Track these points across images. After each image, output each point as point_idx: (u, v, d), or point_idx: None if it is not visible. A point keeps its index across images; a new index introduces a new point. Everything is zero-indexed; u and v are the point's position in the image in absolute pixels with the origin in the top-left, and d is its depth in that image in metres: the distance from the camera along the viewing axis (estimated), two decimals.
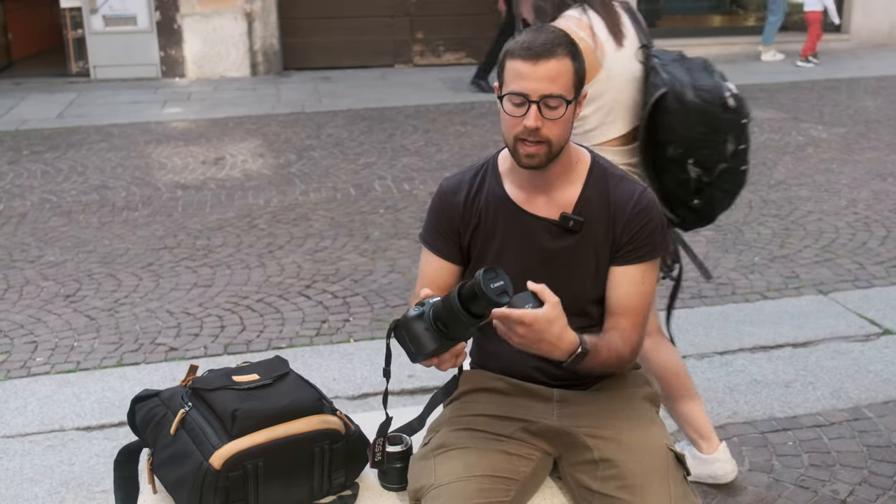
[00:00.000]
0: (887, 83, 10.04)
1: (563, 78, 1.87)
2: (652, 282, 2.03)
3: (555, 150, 1.93)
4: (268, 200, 6.21)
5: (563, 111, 1.88)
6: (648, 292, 2.03)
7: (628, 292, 2.00)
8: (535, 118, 1.87)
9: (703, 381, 3.67)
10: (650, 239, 1.99)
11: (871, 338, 4.04)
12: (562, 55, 1.87)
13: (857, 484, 2.97)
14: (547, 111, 1.87)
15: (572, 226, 1.99)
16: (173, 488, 1.94)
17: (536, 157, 1.92)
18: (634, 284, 2.00)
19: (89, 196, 6.40)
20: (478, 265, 2.10)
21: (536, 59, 1.86)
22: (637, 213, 1.98)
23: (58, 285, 4.83)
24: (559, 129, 1.90)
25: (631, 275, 2.00)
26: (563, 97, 1.87)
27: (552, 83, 1.86)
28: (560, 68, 1.87)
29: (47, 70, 11.68)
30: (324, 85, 10.69)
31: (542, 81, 1.86)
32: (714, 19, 13.50)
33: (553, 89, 1.86)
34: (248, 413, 1.91)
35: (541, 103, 1.87)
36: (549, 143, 1.91)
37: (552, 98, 1.86)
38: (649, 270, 2.01)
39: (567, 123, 1.92)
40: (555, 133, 1.90)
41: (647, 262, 2.00)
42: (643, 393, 2.10)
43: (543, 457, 2.01)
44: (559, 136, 1.91)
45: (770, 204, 5.92)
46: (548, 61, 1.85)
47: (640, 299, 2.01)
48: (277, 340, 4.13)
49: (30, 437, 3.38)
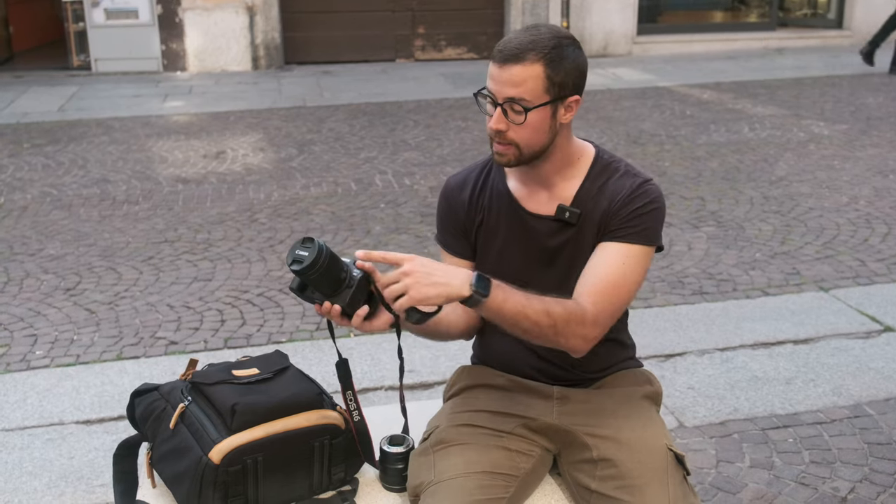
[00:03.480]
0: (889, 80, 10.03)
1: (529, 83, 1.84)
2: (635, 269, 1.91)
3: (525, 153, 1.90)
4: (268, 194, 6.21)
5: (522, 118, 1.85)
6: (627, 276, 1.90)
7: (604, 263, 1.90)
8: (497, 120, 1.87)
9: (704, 377, 3.67)
10: (641, 221, 1.92)
11: (872, 335, 4.03)
12: (532, 60, 1.83)
13: (858, 481, 2.96)
14: (512, 115, 1.86)
15: (568, 217, 1.96)
16: (172, 483, 1.94)
17: (505, 156, 1.91)
18: (613, 260, 1.90)
19: (90, 189, 6.40)
20: (481, 262, 2.10)
21: (503, 62, 1.84)
22: (632, 197, 1.93)
23: (58, 278, 4.82)
24: (527, 133, 1.88)
25: (612, 250, 1.91)
26: (524, 104, 1.84)
27: (514, 88, 1.84)
28: (525, 73, 1.83)
29: (48, 63, 11.68)
30: (325, 79, 10.68)
31: (505, 85, 1.84)
32: (716, 15, 13.48)
33: (514, 94, 1.84)
34: (247, 407, 1.90)
35: (505, 106, 1.86)
36: (517, 146, 1.89)
37: (514, 102, 1.85)
38: (635, 255, 1.91)
39: (538, 128, 1.88)
40: (522, 137, 1.88)
41: (633, 244, 1.91)
42: (643, 391, 2.09)
43: (543, 453, 2.00)
44: (528, 140, 1.89)
45: (771, 200, 5.91)
46: (513, 66, 1.83)
47: (615, 277, 1.88)
48: (278, 335, 4.13)
49: (29, 430, 3.38)
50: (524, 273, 2.02)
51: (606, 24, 11.90)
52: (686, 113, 8.53)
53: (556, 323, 1.80)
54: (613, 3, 11.85)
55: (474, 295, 1.72)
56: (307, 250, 1.73)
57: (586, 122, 8.13)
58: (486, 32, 11.93)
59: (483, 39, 11.92)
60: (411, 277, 1.70)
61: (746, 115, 8.41)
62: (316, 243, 1.73)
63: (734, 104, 8.90)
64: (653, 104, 8.95)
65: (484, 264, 2.09)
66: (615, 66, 11.19)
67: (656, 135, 7.68)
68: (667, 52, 12.07)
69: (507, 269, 2.04)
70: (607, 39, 11.94)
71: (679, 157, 6.99)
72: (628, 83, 10.08)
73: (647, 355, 3.77)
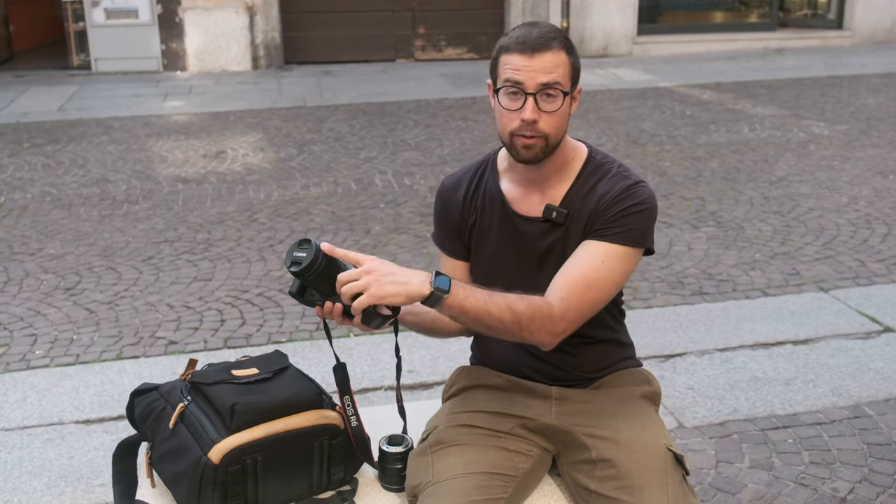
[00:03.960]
0: (889, 80, 10.02)
1: (560, 69, 1.87)
2: (614, 269, 1.89)
3: (552, 143, 1.91)
4: (268, 194, 6.21)
5: (560, 103, 1.88)
6: (604, 276, 1.88)
7: (578, 260, 1.89)
8: (532, 110, 1.86)
9: (704, 377, 3.67)
10: (625, 222, 1.90)
11: (872, 335, 4.03)
12: (557, 48, 1.87)
13: (858, 482, 2.96)
14: (544, 103, 1.87)
15: (555, 217, 1.96)
16: (172, 482, 1.94)
17: (533, 148, 1.90)
18: (591, 258, 1.88)
19: (90, 189, 6.40)
20: (476, 264, 2.10)
21: (533, 51, 1.86)
22: (621, 197, 1.92)
23: (58, 278, 4.82)
24: (556, 122, 1.89)
25: (591, 248, 1.90)
26: (561, 87, 1.87)
27: (549, 74, 1.86)
28: (556, 60, 1.87)
29: (48, 63, 11.68)
30: (325, 79, 10.68)
31: (539, 73, 1.86)
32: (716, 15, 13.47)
33: (551, 78, 1.86)
34: (247, 407, 1.90)
35: (538, 95, 1.86)
36: (546, 137, 1.90)
37: (550, 87, 1.86)
38: (617, 256, 1.89)
39: (563, 117, 1.91)
40: (551, 126, 1.89)
41: (615, 244, 1.89)
42: (642, 391, 2.09)
43: (542, 453, 2.00)
44: (556, 129, 1.90)
45: (771, 200, 5.91)
46: (543, 53, 1.86)
47: (590, 275, 1.87)
48: (277, 335, 4.13)
49: (29, 430, 3.38)
50: (516, 275, 2.02)
51: (607, 24, 11.90)
52: (686, 113, 8.53)
53: (521, 320, 1.80)
54: (614, 3, 11.85)
55: (434, 292, 1.73)
56: (304, 251, 1.73)
57: (586, 122, 8.13)
58: (486, 32, 11.92)
59: (483, 39, 11.92)
60: (371, 276, 1.71)
61: (746, 115, 8.41)
62: (312, 244, 1.73)
63: (734, 104, 8.90)
64: (653, 104, 8.95)
65: (477, 266, 2.10)
66: (615, 66, 11.19)
67: (656, 135, 7.68)
68: (667, 52, 12.07)
69: (499, 271, 2.05)
70: (607, 39, 11.94)
71: (679, 157, 6.99)
72: (628, 83, 10.08)
73: (646, 355, 3.77)
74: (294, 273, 1.74)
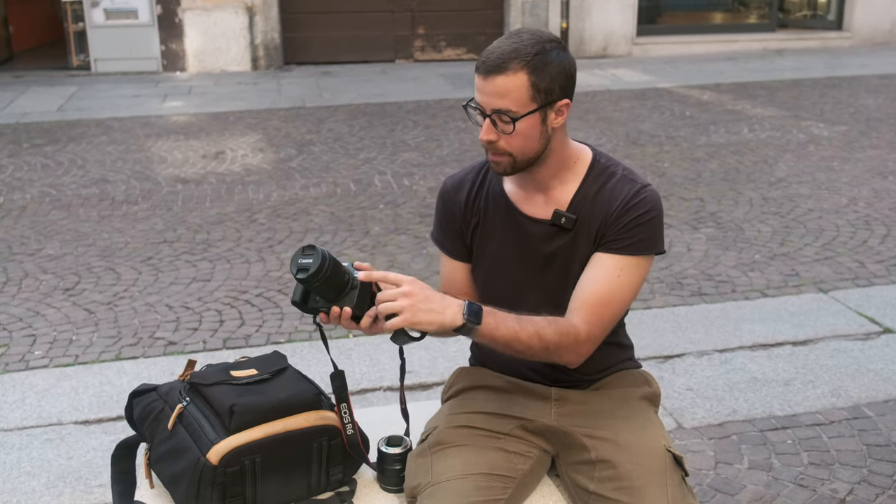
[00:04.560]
0: (888, 81, 10.03)
1: (514, 93, 1.83)
2: (631, 280, 1.91)
3: (520, 160, 1.90)
4: (268, 195, 6.21)
5: (511, 128, 1.85)
6: (622, 289, 1.91)
7: (597, 279, 1.90)
8: (487, 131, 1.87)
9: (703, 378, 3.67)
10: (638, 231, 1.91)
11: (871, 336, 4.03)
12: (515, 69, 1.82)
13: (857, 483, 2.96)
14: (500, 124, 1.86)
15: (564, 223, 1.95)
16: (170, 483, 1.93)
17: (500, 165, 1.91)
18: (607, 273, 1.90)
19: (89, 189, 6.40)
20: (478, 266, 2.10)
21: (486, 73, 1.84)
22: (630, 206, 1.92)
23: (57, 279, 4.82)
24: (518, 142, 1.87)
25: (606, 263, 1.91)
26: (510, 114, 1.83)
27: (500, 99, 1.83)
28: (509, 84, 1.82)
29: (48, 63, 11.68)
30: (324, 80, 10.68)
31: (490, 96, 1.84)
32: (716, 16, 13.48)
33: (500, 105, 1.83)
34: (245, 408, 1.90)
35: (493, 117, 1.85)
36: (511, 155, 1.89)
37: (501, 113, 1.84)
38: (631, 266, 1.91)
39: (528, 136, 1.87)
40: (514, 146, 1.87)
41: (628, 255, 1.90)
42: (641, 393, 2.09)
43: (541, 454, 2.00)
44: (520, 149, 1.88)
45: (770, 201, 5.91)
46: (496, 77, 1.82)
47: (609, 291, 1.89)
48: (276, 335, 4.13)
49: (27, 430, 3.38)
50: (519, 277, 2.02)
51: (606, 24, 11.90)
52: (686, 114, 8.53)
53: (549, 345, 1.83)
54: (613, 3, 11.86)
55: (467, 324, 1.75)
56: (310, 257, 1.74)
57: (586, 122, 8.13)
58: (486, 33, 11.92)
59: (483, 40, 11.91)
60: (409, 299, 1.72)
61: (746, 116, 8.41)
62: (318, 250, 1.74)
63: (734, 105, 8.90)
64: (652, 105, 8.95)
65: (480, 267, 2.09)
66: (615, 66, 11.19)
67: (656, 136, 7.68)
68: (666, 52, 12.07)
69: (502, 273, 2.04)
70: (607, 40, 11.95)
71: (678, 158, 6.99)
72: (628, 84, 10.08)
73: (645, 356, 3.77)
74: (301, 280, 1.74)
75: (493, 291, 2.07)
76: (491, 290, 2.08)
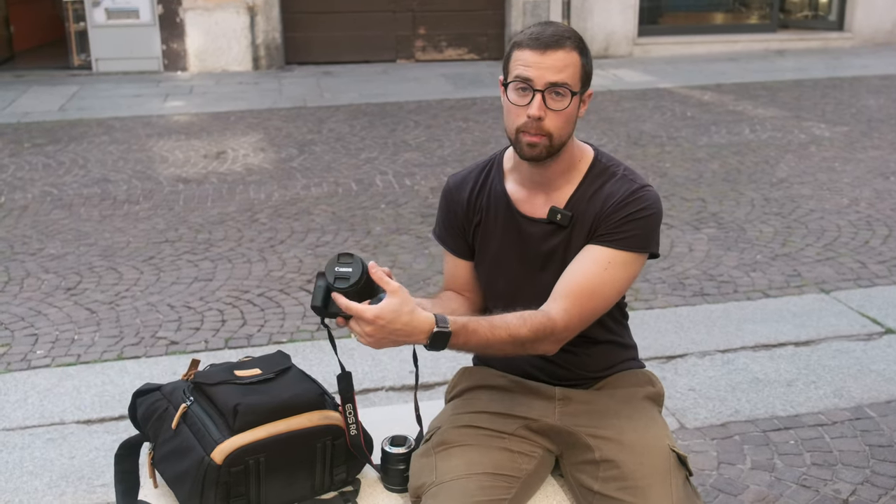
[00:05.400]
0: (890, 82, 10.03)
1: (571, 69, 1.86)
2: (618, 275, 1.89)
3: (556, 143, 1.90)
4: (269, 195, 6.21)
5: (567, 102, 1.87)
6: (607, 283, 1.89)
7: (583, 269, 1.89)
8: (539, 107, 1.86)
9: (705, 379, 3.67)
10: (629, 227, 1.90)
11: (874, 337, 4.03)
12: (570, 48, 1.87)
13: (859, 483, 2.96)
14: (551, 101, 1.86)
15: (560, 220, 1.95)
16: (174, 483, 1.93)
17: (537, 147, 1.90)
18: (594, 264, 1.89)
19: (90, 189, 6.40)
20: (479, 264, 2.10)
21: (545, 48, 1.85)
22: (627, 202, 1.92)
23: (59, 278, 4.82)
24: (561, 122, 1.88)
25: (595, 255, 1.90)
26: (569, 87, 1.86)
27: (559, 73, 1.85)
28: (567, 59, 1.86)
29: (49, 63, 11.68)
30: (326, 80, 10.68)
31: (549, 70, 1.85)
32: (717, 17, 13.48)
33: (560, 78, 1.85)
34: (249, 408, 1.90)
35: (546, 93, 1.86)
36: (551, 137, 1.89)
37: (559, 86, 1.85)
38: (620, 262, 1.89)
39: (570, 118, 1.90)
40: (556, 125, 1.88)
41: (619, 250, 1.89)
42: (645, 392, 2.09)
43: (545, 454, 2.00)
44: (560, 130, 1.89)
45: (772, 202, 5.91)
46: (556, 51, 1.85)
47: (594, 283, 1.88)
48: (279, 335, 4.13)
49: (30, 430, 3.38)
50: (519, 276, 2.02)
51: (607, 25, 11.90)
52: (687, 114, 8.53)
53: (524, 343, 1.84)
54: (614, 4, 11.85)
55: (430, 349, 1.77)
56: (348, 266, 1.75)
57: (587, 122, 8.13)
58: (487, 33, 11.92)
59: (484, 40, 11.92)
60: (371, 338, 1.73)
61: (747, 116, 8.41)
62: (357, 259, 1.75)
63: (735, 106, 8.90)
64: (653, 105, 8.95)
65: (481, 265, 2.10)
66: (616, 67, 11.19)
67: (657, 136, 7.68)
68: (668, 53, 12.07)
69: (503, 272, 2.05)
70: (608, 40, 11.94)
71: (680, 158, 6.99)
72: (629, 84, 10.08)
73: (647, 357, 3.76)
74: (341, 289, 1.75)
75: (494, 289, 2.08)
76: (492, 288, 2.09)
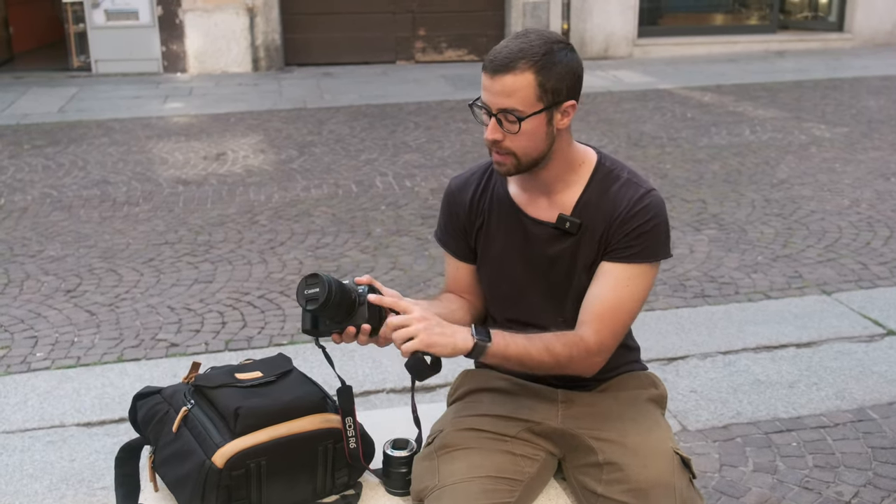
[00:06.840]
0: (890, 83, 10.02)
1: (522, 93, 1.82)
2: (638, 288, 1.91)
3: (524, 161, 1.89)
4: (269, 196, 6.20)
5: (517, 127, 1.84)
6: (630, 298, 1.91)
7: (605, 291, 1.91)
8: (492, 130, 1.87)
9: (707, 380, 3.66)
10: (643, 240, 1.90)
11: (875, 338, 4.02)
12: (522, 69, 1.81)
13: (862, 485, 2.95)
14: (507, 124, 1.85)
15: (569, 227, 1.95)
16: (175, 486, 1.92)
17: (504, 165, 1.91)
18: (615, 283, 1.90)
19: (90, 191, 6.39)
20: (482, 266, 2.09)
21: (493, 73, 1.83)
22: (635, 212, 1.91)
23: (58, 280, 4.81)
24: (524, 142, 1.86)
25: (614, 273, 1.91)
26: (517, 113, 1.83)
27: (507, 98, 1.83)
28: (517, 83, 1.81)
29: (48, 64, 11.67)
30: (325, 81, 10.67)
31: (497, 96, 1.84)
32: (717, 17, 13.47)
33: (507, 104, 1.83)
34: (250, 411, 1.89)
35: (499, 116, 1.85)
36: (515, 155, 1.88)
37: (507, 113, 1.84)
38: (638, 275, 1.91)
39: (534, 136, 1.86)
40: (519, 145, 1.87)
41: (636, 263, 1.90)
42: (648, 395, 2.08)
43: (548, 457, 1.99)
44: (525, 149, 1.87)
45: (773, 203, 5.90)
46: (503, 76, 1.82)
47: (617, 301, 1.90)
48: (279, 337, 4.12)
49: (30, 432, 3.37)
50: (523, 278, 2.01)
51: (607, 26, 11.90)
52: (687, 115, 8.53)
53: (560, 360, 1.86)
54: (614, 5, 11.85)
55: (478, 343, 1.78)
56: (315, 286, 1.76)
57: (587, 124, 8.12)
58: (487, 34, 11.92)
59: (484, 41, 11.91)
60: (422, 324, 1.76)
61: (747, 117, 8.40)
62: (321, 278, 1.76)
63: (735, 107, 8.90)
64: (654, 106, 8.94)
65: (484, 268, 2.09)
66: (616, 68, 11.19)
67: (657, 137, 7.68)
68: (667, 54, 12.07)
69: (506, 274, 2.04)
70: (608, 42, 11.94)
71: (680, 159, 6.98)
72: (629, 85, 10.07)
73: (649, 359, 3.76)
74: (312, 311, 1.77)
75: (496, 292, 2.07)
76: (495, 291, 2.08)
